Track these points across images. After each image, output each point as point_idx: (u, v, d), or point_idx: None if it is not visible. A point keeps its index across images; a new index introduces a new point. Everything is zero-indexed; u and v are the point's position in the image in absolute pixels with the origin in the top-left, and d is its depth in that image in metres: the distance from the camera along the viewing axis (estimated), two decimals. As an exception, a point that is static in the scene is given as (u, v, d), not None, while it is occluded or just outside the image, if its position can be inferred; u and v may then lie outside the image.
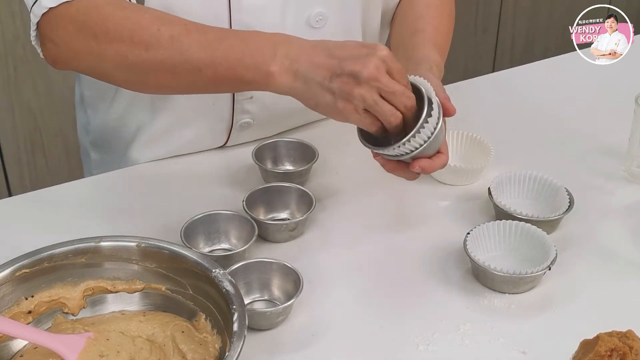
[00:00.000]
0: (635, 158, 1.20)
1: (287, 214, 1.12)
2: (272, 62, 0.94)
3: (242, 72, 0.96)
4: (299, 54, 0.94)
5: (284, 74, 0.94)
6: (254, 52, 0.95)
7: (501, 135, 1.27)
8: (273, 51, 0.95)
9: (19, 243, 0.96)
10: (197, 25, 1.00)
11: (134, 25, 0.99)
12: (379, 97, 0.92)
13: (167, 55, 0.98)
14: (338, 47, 0.94)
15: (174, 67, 0.99)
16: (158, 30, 0.98)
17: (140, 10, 1.01)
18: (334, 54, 0.93)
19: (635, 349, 0.83)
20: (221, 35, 0.98)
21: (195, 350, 0.89)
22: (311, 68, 0.93)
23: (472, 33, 2.75)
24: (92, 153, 1.36)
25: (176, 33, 0.98)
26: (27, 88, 2.18)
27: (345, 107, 0.93)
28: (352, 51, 0.93)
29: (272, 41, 0.96)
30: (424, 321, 0.97)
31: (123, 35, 0.99)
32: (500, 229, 1.06)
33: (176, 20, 1.00)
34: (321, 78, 0.93)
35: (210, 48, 0.97)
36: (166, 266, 0.94)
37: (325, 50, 0.94)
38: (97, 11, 1.00)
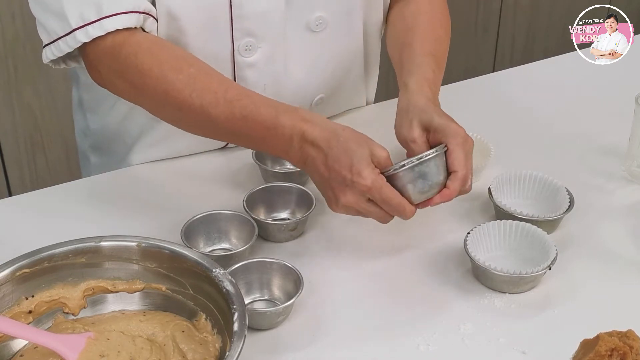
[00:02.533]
0: (636, 158, 1.20)
1: (287, 213, 1.12)
2: (288, 153, 1.02)
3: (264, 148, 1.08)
4: (308, 153, 1.00)
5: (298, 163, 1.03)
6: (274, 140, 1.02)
7: (501, 135, 1.27)
8: (290, 145, 1.01)
9: (19, 243, 0.96)
10: (226, 93, 1.03)
11: (169, 86, 1.03)
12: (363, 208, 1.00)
13: (197, 119, 1.05)
14: (334, 158, 0.98)
15: (202, 128, 1.08)
16: (190, 96, 1.03)
17: (176, 69, 1.04)
18: (329, 165, 0.99)
19: (635, 348, 0.83)
20: (246, 113, 1.02)
21: (195, 349, 0.89)
22: (312, 169, 1.01)
23: (472, 33, 2.75)
24: (92, 157, 1.36)
25: (206, 102, 1.02)
26: (28, 88, 2.18)
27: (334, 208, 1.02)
28: (341, 171, 0.98)
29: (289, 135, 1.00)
30: (424, 321, 0.97)
31: (158, 92, 1.04)
32: (500, 228, 1.06)
33: (207, 85, 1.04)
34: (318, 180, 1.02)
35: (235, 125, 1.03)
36: (166, 266, 0.94)
37: (324, 157, 0.99)
38: (136, 62, 1.04)
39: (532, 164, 1.19)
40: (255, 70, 1.18)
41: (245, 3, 1.13)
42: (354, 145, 0.99)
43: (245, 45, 1.16)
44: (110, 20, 1.03)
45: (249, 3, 1.13)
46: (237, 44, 1.16)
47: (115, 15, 1.03)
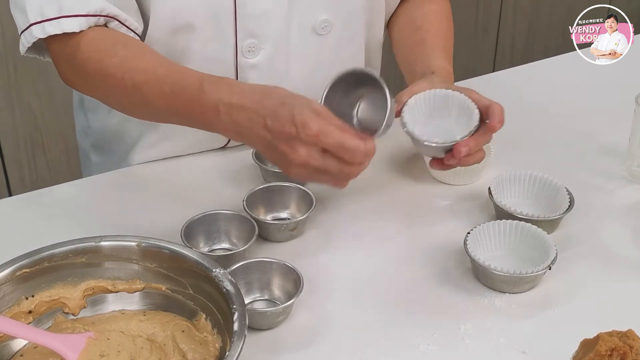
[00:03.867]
0: (636, 158, 1.20)
1: (287, 213, 1.12)
2: (217, 124, 0.98)
3: (197, 125, 1.02)
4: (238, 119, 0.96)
5: (232, 134, 0.99)
6: (200, 112, 0.99)
7: (501, 135, 1.27)
8: (216, 115, 0.97)
9: (19, 243, 0.96)
10: (157, 72, 1.03)
11: (104, 72, 1.04)
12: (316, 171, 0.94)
13: (133, 101, 1.05)
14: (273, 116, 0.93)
15: (143, 110, 1.07)
16: (123, 78, 1.03)
17: (112, 54, 1.05)
18: (268, 125, 0.93)
19: (635, 348, 0.83)
20: (174, 88, 1.00)
21: (195, 349, 0.89)
22: (251, 137, 0.96)
23: (472, 33, 2.75)
24: (93, 156, 1.36)
25: (137, 81, 1.02)
26: (28, 88, 2.18)
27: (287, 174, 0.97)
28: (283, 127, 0.92)
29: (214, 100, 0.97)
30: (424, 321, 0.97)
31: (98, 80, 1.06)
32: (500, 228, 1.06)
33: (140, 66, 1.04)
34: (260, 146, 0.97)
35: (165, 101, 1.01)
36: (166, 266, 0.94)
37: (260, 117, 0.94)
38: (80, 53, 1.06)
39: (532, 164, 1.19)
40: (258, 71, 1.18)
41: (248, 3, 1.13)
42: (290, 99, 0.94)
43: (248, 47, 1.16)
44: (68, 20, 1.04)
45: (252, 4, 1.13)
46: (240, 45, 1.16)
47: (75, 17, 1.04)
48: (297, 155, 0.92)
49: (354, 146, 0.92)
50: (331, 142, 0.92)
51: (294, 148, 0.92)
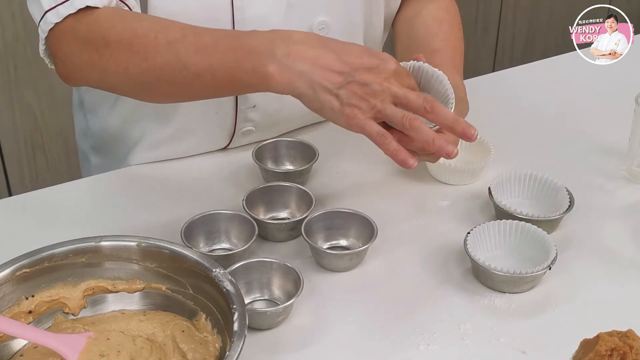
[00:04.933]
0: (636, 158, 1.20)
1: (287, 213, 1.12)
2: (270, 62, 0.91)
3: (241, 75, 0.94)
4: (303, 53, 0.91)
5: (285, 74, 0.91)
6: (250, 53, 0.93)
7: (501, 135, 1.27)
8: (271, 50, 0.92)
9: (19, 243, 0.96)
10: (195, 28, 0.98)
11: (131, 34, 0.98)
12: (391, 104, 0.92)
13: (165, 62, 0.96)
14: (346, 51, 0.92)
15: (174, 74, 0.97)
16: (155, 37, 0.97)
17: (139, 19, 1.01)
18: (344, 59, 0.91)
19: (635, 348, 0.83)
20: (218, 37, 0.96)
21: (195, 349, 0.89)
22: (316, 70, 0.90)
23: (472, 33, 2.75)
24: (93, 158, 1.36)
25: (172, 38, 0.96)
26: (28, 88, 2.18)
27: (352, 113, 0.91)
28: (362, 59, 0.91)
29: (269, 39, 0.93)
30: (424, 321, 0.97)
31: (122, 45, 0.98)
32: (500, 228, 1.06)
33: (174, 25, 0.99)
34: (328, 82, 0.91)
35: (206, 52, 0.95)
36: (166, 266, 0.94)
37: (333, 53, 0.91)
38: (98, 24, 1.00)
39: (532, 164, 1.19)
40: None
41: (247, 7, 1.13)
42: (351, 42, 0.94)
43: None
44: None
45: (250, 6, 1.13)
46: None
47: None
48: (383, 77, 0.90)
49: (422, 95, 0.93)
50: (409, 79, 0.93)
51: (379, 74, 0.90)
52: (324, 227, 1.07)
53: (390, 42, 1.35)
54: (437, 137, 0.92)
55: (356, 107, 0.91)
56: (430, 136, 0.92)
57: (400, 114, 0.92)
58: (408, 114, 0.92)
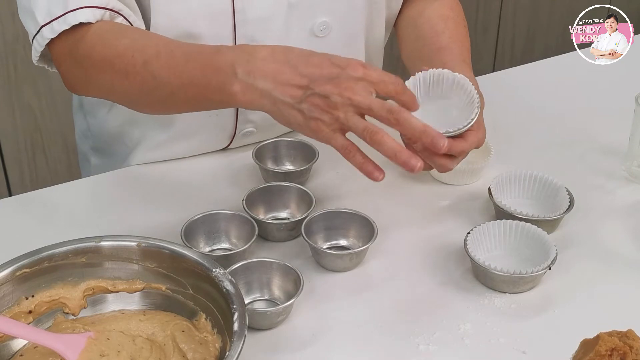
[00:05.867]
0: (636, 158, 1.20)
1: (287, 213, 1.12)
2: (233, 82, 0.91)
3: (209, 94, 0.95)
4: (261, 70, 0.90)
5: (247, 93, 0.91)
6: (216, 72, 0.93)
7: (501, 135, 1.27)
8: (232, 70, 0.91)
9: (19, 243, 0.96)
10: (169, 45, 1.00)
11: (112, 54, 1.01)
12: (354, 115, 0.89)
13: (143, 81, 0.99)
14: (306, 63, 0.90)
15: (152, 91, 1.00)
16: (132, 56, 0.99)
17: (119, 36, 1.02)
18: (303, 72, 0.89)
19: (635, 348, 0.83)
20: (189, 55, 0.97)
21: (195, 349, 0.89)
22: (277, 86, 0.90)
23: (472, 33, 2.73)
24: (93, 158, 1.36)
25: (148, 57, 0.98)
26: (28, 88, 2.18)
27: (317, 127, 0.90)
28: (322, 69, 0.89)
29: (233, 57, 0.93)
30: (424, 321, 0.97)
31: (105, 65, 1.01)
32: (500, 228, 1.06)
33: (151, 43, 1.01)
34: (289, 98, 0.90)
35: (177, 71, 0.97)
36: (166, 266, 0.94)
37: (291, 67, 0.90)
38: (84, 42, 1.03)
39: (532, 164, 1.19)
40: None
41: (248, 8, 1.13)
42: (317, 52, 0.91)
43: None
44: (74, 14, 1.02)
45: (251, 9, 1.13)
46: None
47: (80, 9, 1.02)
48: (343, 87, 0.87)
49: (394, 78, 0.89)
50: (375, 72, 0.88)
51: (340, 83, 0.87)
52: (324, 227, 1.07)
53: (391, 43, 1.36)
54: (399, 151, 0.89)
55: (319, 120, 0.89)
56: (393, 150, 0.89)
57: (361, 127, 0.89)
58: (370, 127, 0.89)
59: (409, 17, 1.28)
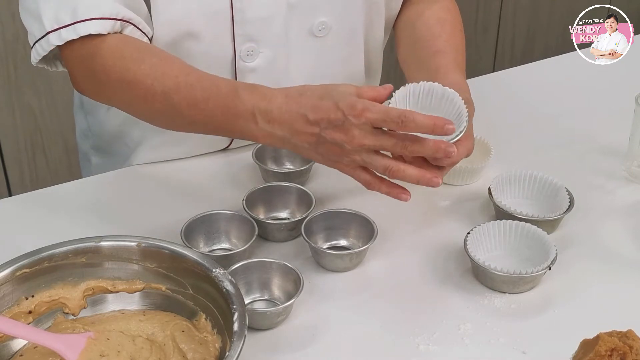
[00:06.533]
0: (636, 158, 1.20)
1: (287, 213, 1.12)
2: (254, 129, 0.97)
3: (230, 131, 1.01)
4: (278, 120, 0.95)
5: (268, 139, 0.97)
6: (236, 117, 0.97)
7: (501, 135, 1.27)
8: (253, 118, 0.96)
9: (19, 243, 0.96)
10: (188, 77, 1.01)
11: (131, 77, 1.03)
12: (369, 155, 0.93)
13: (162, 109, 1.02)
14: (314, 109, 0.93)
15: (172, 118, 1.04)
16: (152, 85, 1.01)
17: (138, 60, 1.03)
18: (312, 119, 0.93)
19: (635, 348, 0.83)
20: (208, 94, 0.99)
21: (195, 349, 0.89)
22: (293, 135, 0.95)
23: (472, 33, 2.75)
24: (94, 157, 1.36)
25: (167, 88, 1.01)
26: (28, 88, 2.18)
27: (338, 167, 0.96)
28: (329, 115, 0.92)
29: (251, 106, 0.96)
30: (424, 321, 0.97)
31: (123, 85, 1.03)
32: (500, 228, 1.06)
33: (169, 71, 1.02)
34: (306, 144, 0.95)
35: (198, 108, 1.00)
36: (166, 266, 0.94)
37: (301, 115, 0.93)
38: (101, 59, 1.04)
39: (532, 164, 1.19)
40: (257, 75, 1.18)
41: (246, 8, 1.13)
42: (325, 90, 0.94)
43: (246, 51, 1.16)
44: (84, 24, 1.03)
45: (250, 8, 1.13)
46: (239, 49, 1.16)
47: (90, 20, 1.03)
48: (351, 136, 0.91)
49: (398, 115, 0.91)
50: (377, 117, 0.91)
51: (347, 132, 0.91)
52: (324, 227, 1.07)
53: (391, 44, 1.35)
54: (422, 177, 0.94)
55: (338, 162, 0.96)
56: (416, 178, 0.94)
57: (381, 167, 0.94)
58: (389, 166, 0.93)
59: (407, 19, 1.28)
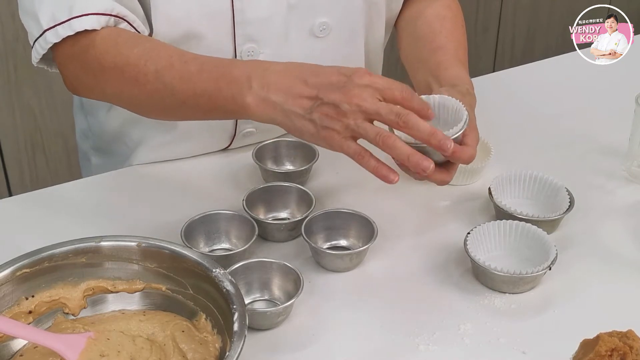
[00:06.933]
0: (636, 158, 1.20)
1: (287, 213, 1.12)
2: (247, 94, 0.94)
3: (222, 103, 0.98)
4: (275, 84, 0.93)
5: (261, 105, 0.94)
6: (230, 83, 0.96)
7: (501, 135, 1.27)
8: (248, 82, 0.95)
9: (19, 243, 0.96)
10: (182, 56, 1.01)
11: (123, 61, 1.02)
12: (364, 122, 0.91)
13: (154, 89, 1.01)
14: (314, 73, 0.93)
15: (163, 100, 1.02)
16: (145, 65, 1.01)
17: (131, 45, 1.03)
18: (311, 83, 0.92)
19: (635, 349, 0.83)
20: (202, 66, 0.99)
21: (195, 349, 0.89)
22: (288, 99, 0.93)
23: (472, 33, 2.75)
24: (93, 158, 1.36)
25: (160, 67, 1.00)
26: (28, 88, 2.18)
27: (329, 135, 0.92)
28: (330, 78, 0.92)
29: (247, 71, 0.96)
30: (424, 321, 0.97)
31: (115, 71, 1.03)
32: (500, 228, 1.06)
33: (163, 52, 1.02)
34: (300, 109, 0.93)
35: (191, 81, 0.99)
36: (167, 266, 0.94)
37: (301, 79, 0.93)
38: (94, 49, 1.04)
39: (532, 164, 1.19)
40: None
41: (247, 9, 1.13)
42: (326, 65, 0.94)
43: (247, 51, 1.16)
44: (79, 20, 1.03)
45: (251, 9, 1.13)
46: (239, 50, 1.16)
47: (85, 16, 1.03)
48: (350, 95, 0.90)
49: (402, 86, 0.91)
50: (381, 79, 0.90)
51: (347, 91, 0.90)
52: (324, 227, 1.07)
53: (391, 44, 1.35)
54: (412, 154, 0.91)
55: (330, 128, 0.92)
56: (405, 153, 0.91)
57: (373, 132, 0.91)
58: (381, 132, 0.91)
59: (408, 18, 1.28)
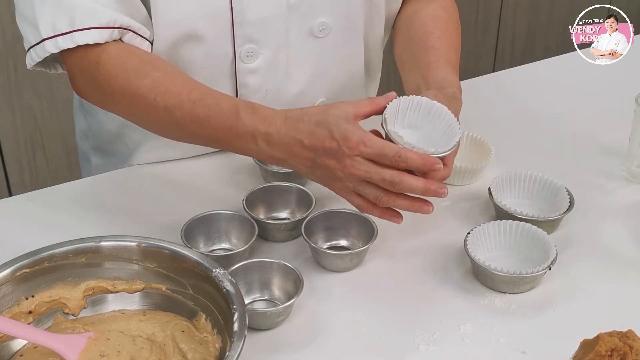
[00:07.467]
0: (636, 158, 1.20)
1: (287, 213, 1.12)
2: (255, 150, 1.00)
3: (231, 149, 1.03)
4: (278, 144, 0.97)
5: (268, 158, 1.01)
6: (238, 137, 1.00)
7: (501, 135, 1.27)
8: (254, 140, 0.99)
9: (19, 243, 0.96)
10: (191, 94, 1.02)
11: (133, 91, 1.04)
12: (361, 183, 0.96)
13: (164, 123, 1.04)
14: (309, 136, 0.96)
15: (173, 131, 1.06)
16: (155, 99, 1.02)
17: (141, 74, 1.04)
18: (307, 144, 0.96)
19: (635, 348, 0.83)
20: (210, 113, 1.01)
21: (195, 349, 0.89)
22: (291, 157, 0.98)
23: (472, 33, 2.75)
24: (93, 158, 1.36)
25: (170, 105, 1.02)
26: (28, 88, 2.18)
27: (333, 189, 1.00)
28: (324, 143, 0.95)
29: (251, 129, 0.98)
30: (424, 321, 0.97)
31: (125, 98, 1.05)
32: (500, 228, 1.06)
33: (172, 88, 1.03)
34: (303, 166, 0.98)
35: (200, 127, 1.01)
36: (166, 266, 0.94)
37: (298, 141, 0.96)
38: (104, 69, 1.05)
39: (532, 164, 1.19)
40: (257, 76, 1.18)
41: (246, 9, 1.13)
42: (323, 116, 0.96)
43: (246, 52, 1.16)
44: (81, 33, 1.03)
45: (250, 10, 1.13)
46: (239, 51, 1.16)
47: (87, 30, 1.03)
48: (342, 164, 0.95)
49: (393, 151, 0.94)
50: (371, 151, 0.94)
51: (339, 160, 0.95)
52: (324, 227, 1.07)
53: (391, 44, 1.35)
54: (410, 205, 0.98)
55: (333, 185, 0.99)
56: (404, 207, 0.98)
57: (373, 196, 0.97)
58: (379, 196, 0.96)
59: (404, 17, 1.28)
